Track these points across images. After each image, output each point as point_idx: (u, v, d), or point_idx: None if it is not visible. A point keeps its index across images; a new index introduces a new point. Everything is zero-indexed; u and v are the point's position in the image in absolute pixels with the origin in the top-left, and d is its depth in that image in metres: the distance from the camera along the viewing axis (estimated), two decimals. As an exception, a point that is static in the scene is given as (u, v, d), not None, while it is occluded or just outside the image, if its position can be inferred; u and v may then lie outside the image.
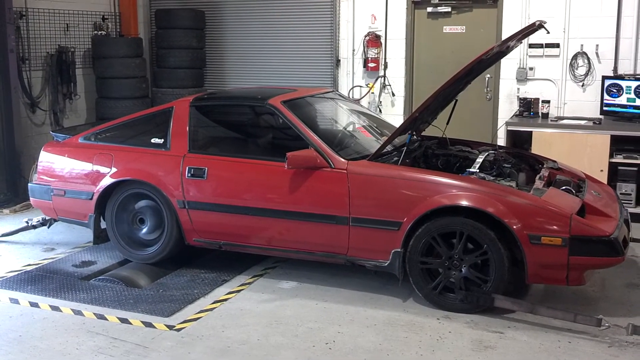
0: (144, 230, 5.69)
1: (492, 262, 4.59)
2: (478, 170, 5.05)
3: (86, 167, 5.79)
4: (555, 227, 4.48)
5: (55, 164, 5.96)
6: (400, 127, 5.24)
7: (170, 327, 4.56)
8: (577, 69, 7.84)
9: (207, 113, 5.92)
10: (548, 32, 5.18)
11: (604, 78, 7.47)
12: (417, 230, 4.74)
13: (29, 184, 6.17)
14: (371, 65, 8.70)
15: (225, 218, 5.36)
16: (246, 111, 6.20)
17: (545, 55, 7.94)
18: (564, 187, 5.07)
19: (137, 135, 5.94)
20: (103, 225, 5.83)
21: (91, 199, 5.71)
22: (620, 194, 6.92)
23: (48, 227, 6.43)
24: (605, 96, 7.41)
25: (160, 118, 5.86)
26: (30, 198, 6.19)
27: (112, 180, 5.62)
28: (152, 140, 5.68)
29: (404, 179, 4.84)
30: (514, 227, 4.51)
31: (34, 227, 6.41)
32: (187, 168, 5.41)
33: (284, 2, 9.16)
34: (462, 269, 4.69)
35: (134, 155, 5.67)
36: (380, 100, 8.77)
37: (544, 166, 5.59)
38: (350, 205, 4.91)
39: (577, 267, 4.50)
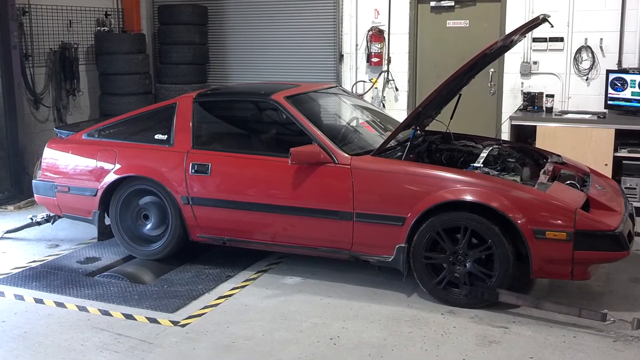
0: (148, 226, 5.70)
1: (497, 257, 4.59)
2: (482, 165, 5.04)
3: (90, 163, 5.79)
4: (559, 221, 4.46)
5: (59, 161, 5.97)
6: (403, 122, 5.23)
7: (175, 323, 4.56)
8: (581, 63, 7.81)
9: (210, 109, 5.92)
10: (552, 26, 5.17)
11: (608, 72, 7.44)
12: (421, 225, 4.74)
13: (33, 181, 6.18)
14: (374, 60, 8.68)
15: (229, 214, 5.36)
16: (249, 107, 6.18)
17: (549, 50, 7.92)
18: (568, 182, 5.06)
19: (140, 131, 5.94)
20: (107, 221, 5.83)
21: (95, 195, 5.71)
22: (625, 188, 6.89)
23: (52, 224, 6.45)
24: (610, 90, 7.39)
25: (163, 114, 5.85)
26: (35, 195, 6.19)
27: (116, 176, 5.62)
28: (156, 137, 5.68)
29: (407, 174, 4.83)
30: (519, 221, 4.49)
31: (39, 223, 6.42)
32: (190, 164, 5.41)
33: (287, -4, 9.16)
34: (467, 264, 4.69)
35: (138, 151, 5.67)
36: (384, 95, 8.76)
37: (549, 160, 5.58)
38: (354, 200, 4.90)
39: (582, 262, 4.49)
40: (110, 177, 5.64)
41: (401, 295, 4.98)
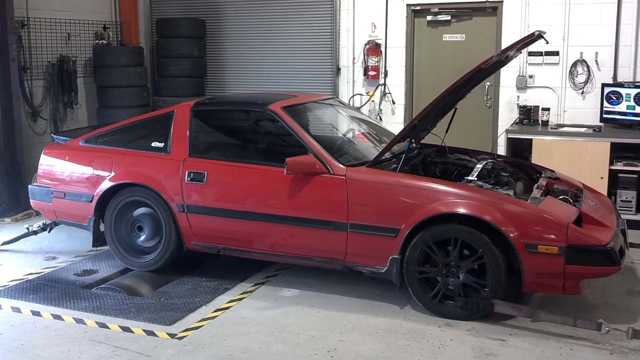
0: (142, 237, 5.71)
1: (489, 265, 4.60)
2: (476, 179, 5.07)
3: (86, 170, 5.81)
4: (552, 235, 4.49)
5: (56, 167, 6.00)
6: (399, 134, 5.26)
7: (172, 336, 4.56)
8: (576, 76, 7.86)
9: (207, 118, 5.96)
10: (547, 42, 5.21)
11: (604, 85, 7.49)
12: (414, 238, 4.75)
13: (29, 186, 6.21)
14: (371, 73, 8.73)
15: (224, 222, 5.37)
16: (246, 116, 6.22)
17: (545, 63, 7.97)
18: (561, 197, 5.09)
19: (137, 138, 5.97)
20: (102, 227, 5.83)
21: (91, 201, 5.73)
22: (621, 201, 6.94)
23: (49, 232, 6.44)
24: (605, 104, 7.42)
25: (161, 122, 5.89)
26: (30, 200, 6.22)
27: (112, 183, 5.64)
28: (153, 144, 5.71)
29: (402, 186, 4.85)
30: (511, 235, 4.52)
31: (35, 232, 6.41)
32: (186, 172, 5.43)
33: (285, 11, 9.20)
34: (460, 276, 4.70)
35: (135, 158, 5.69)
36: (381, 108, 8.80)
37: (542, 175, 5.61)
38: (349, 211, 4.93)
39: (574, 276, 4.52)
40: (107, 184, 5.66)
41: (398, 308, 4.99)
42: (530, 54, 7.93)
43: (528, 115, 7.78)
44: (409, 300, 5.02)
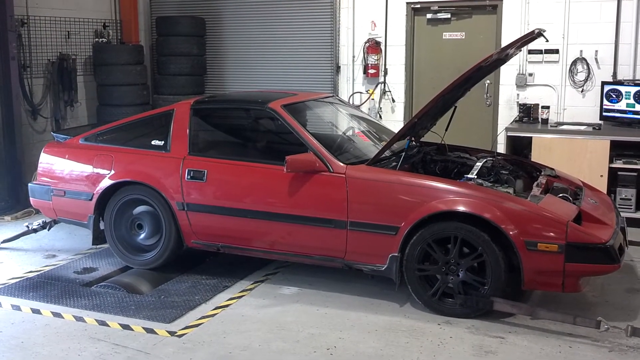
0: (142, 235, 5.71)
1: (488, 263, 4.61)
2: (476, 177, 5.07)
3: (86, 168, 5.82)
4: (551, 233, 4.49)
5: (56, 165, 6.01)
6: (399, 132, 5.27)
7: (172, 333, 4.57)
8: (576, 74, 7.86)
9: (207, 116, 5.97)
10: (547, 40, 5.21)
11: (604, 83, 7.49)
12: (414, 236, 4.76)
13: (29, 184, 6.22)
14: (371, 71, 8.73)
15: (223, 220, 5.38)
16: (246, 114, 6.23)
17: (545, 61, 7.97)
18: (561, 195, 5.09)
19: (137, 137, 5.98)
20: (102, 226, 5.84)
21: (91, 199, 5.74)
22: (620, 199, 6.94)
23: (48, 230, 6.44)
24: (605, 102, 7.43)
25: (161, 120, 5.90)
26: (30, 198, 6.23)
27: (112, 181, 5.64)
28: (153, 142, 5.71)
29: (401, 184, 4.86)
30: (511, 233, 4.52)
31: (35, 230, 6.42)
32: (186, 170, 5.44)
33: (285, 9, 9.19)
34: (460, 273, 4.71)
35: (134, 156, 5.70)
36: (381, 106, 8.80)
37: (542, 173, 5.61)
38: (349, 209, 4.93)
39: (573, 274, 4.52)
40: (106, 182, 5.67)
41: (398, 306, 5.00)
42: (530, 52, 7.92)
43: (528, 113, 7.79)
44: (409, 298, 5.02)
